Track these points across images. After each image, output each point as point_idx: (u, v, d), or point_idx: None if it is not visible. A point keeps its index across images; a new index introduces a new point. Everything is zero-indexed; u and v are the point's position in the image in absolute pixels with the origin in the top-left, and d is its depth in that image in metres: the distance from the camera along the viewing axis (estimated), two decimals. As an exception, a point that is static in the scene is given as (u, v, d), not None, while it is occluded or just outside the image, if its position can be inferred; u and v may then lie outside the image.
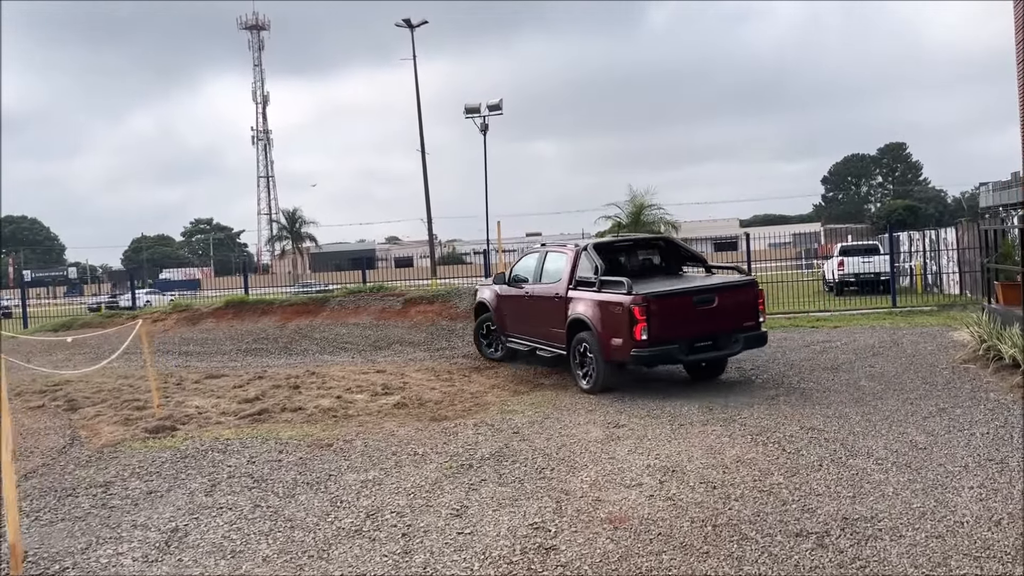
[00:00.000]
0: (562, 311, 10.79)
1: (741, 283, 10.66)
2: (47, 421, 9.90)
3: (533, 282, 11.87)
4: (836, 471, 6.17)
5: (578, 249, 11.07)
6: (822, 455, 6.63)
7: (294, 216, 76.46)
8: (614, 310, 9.82)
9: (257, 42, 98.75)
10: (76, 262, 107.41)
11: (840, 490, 5.71)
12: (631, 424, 8.14)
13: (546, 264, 11.75)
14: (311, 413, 9.57)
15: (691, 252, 12.34)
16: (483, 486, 6.22)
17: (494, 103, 30.07)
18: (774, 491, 5.76)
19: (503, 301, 12.65)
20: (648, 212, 15.16)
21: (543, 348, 11.57)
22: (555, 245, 12.11)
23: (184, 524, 5.63)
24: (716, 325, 10.01)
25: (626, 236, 12.21)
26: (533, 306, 11.75)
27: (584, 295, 10.49)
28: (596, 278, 10.33)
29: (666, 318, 9.61)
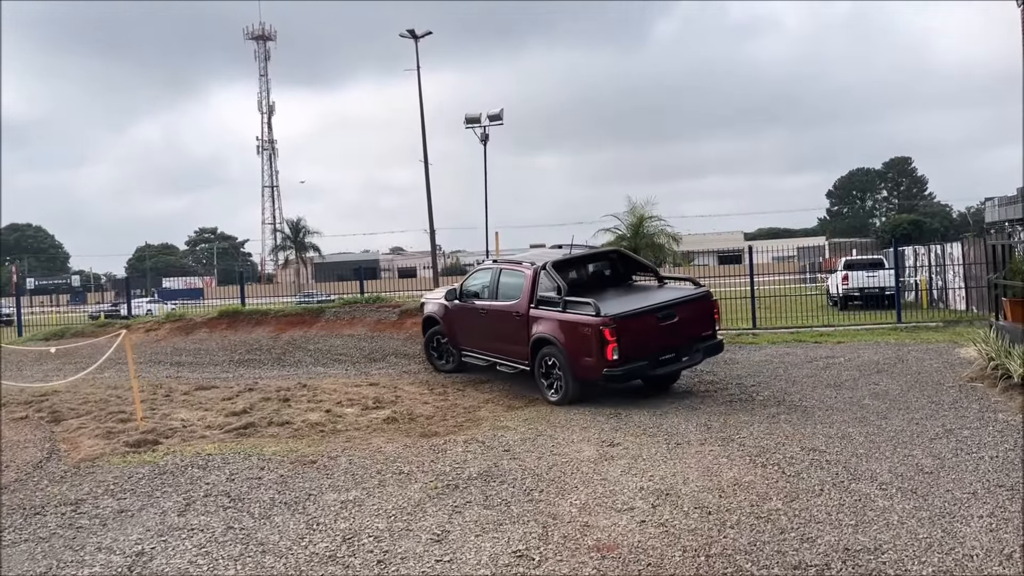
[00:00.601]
0: (524, 329, 10.97)
1: (698, 296, 11.04)
2: (28, 433, 9.65)
3: (489, 299, 11.95)
4: (838, 496, 5.88)
5: (536, 268, 11.13)
6: (823, 479, 6.34)
7: (298, 226, 76.51)
8: (583, 331, 10.02)
9: (263, 52, 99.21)
10: (80, 270, 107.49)
11: (842, 518, 5.42)
12: (626, 442, 7.86)
13: (502, 281, 11.83)
14: (298, 427, 9.30)
15: (642, 263, 12.71)
16: (467, 509, 5.95)
17: (494, 113, 29.91)
18: (772, 518, 5.48)
19: (455, 316, 12.71)
20: (648, 224, 14.88)
21: (504, 364, 11.68)
22: (509, 262, 12.22)
23: (151, 547, 5.36)
24: (678, 338, 10.37)
25: (580, 251, 12.34)
26: (491, 322, 11.85)
27: (548, 314, 10.65)
28: (560, 298, 10.51)
29: (634, 337, 9.89)
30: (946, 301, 22.65)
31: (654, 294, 11.50)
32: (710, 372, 12.20)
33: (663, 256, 15.54)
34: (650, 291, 11.81)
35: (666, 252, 15.30)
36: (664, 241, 15.21)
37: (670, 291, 11.62)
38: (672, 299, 10.83)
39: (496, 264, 12.54)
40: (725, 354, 14.23)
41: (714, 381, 11.39)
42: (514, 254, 14.62)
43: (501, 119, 30.09)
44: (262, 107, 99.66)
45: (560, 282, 10.73)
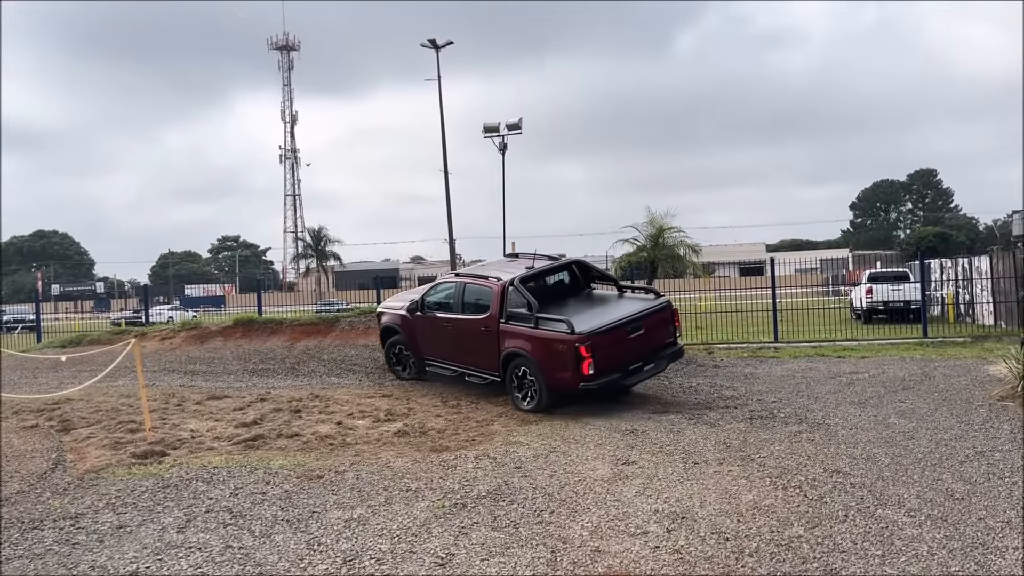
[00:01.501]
0: (494, 342, 11.33)
1: (661, 306, 11.56)
2: (37, 442, 9.55)
3: (455, 312, 12.25)
4: (863, 523, 5.60)
5: (504, 284, 11.40)
6: (848, 503, 6.06)
7: (319, 234, 76.74)
8: (559, 348, 10.40)
9: (287, 62, 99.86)
10: (104, 277, 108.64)
11: (867, 547, 5.14)
12: (641, 461, 7.60)
13: (468, 295, 12.14)
14: (307, 440, 9.13)
15: (601, 272, 13.26)
16: (474, 530, 5.73)
17: (513, 122, 29.80)
18: (793, 545, 5.21)
19: (417, 327, 12.98)
20: (668, 235, 14.62)
21: (474, 375, 12.06)
22: (474, 276, 12.45)
23: (145, 567, 5.19)
24: (646, 348, 10.99)
25: (543, 263, 12.60)
26: (458, 335, 12.14)
27: (520, 329, 11.01)
28: (532, 314, 10.88)
29: (608, 351, 10.35)
30: (973, 316, 22.14)
31: (620, 306, 11.83)
32: (730, 387, 11.92)
33: (683, 267, 15.27)
34: (613, 302, 12.17)
35: (685, 263, 15.02)
36: (683, 252, 14.91)
37: (634, 302, 11.98)
38: (639, 311, 11.26)
39: (460, 278, 12.76)
40: (745, 368, 13.97)
41: (734, 396, 11.11)
42: (476, 266, 14.70)
43: (520, 128, 29.97)
44: (285, 116, 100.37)
45: (531, 299, 11.06)
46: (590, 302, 12.28)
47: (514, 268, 12.41)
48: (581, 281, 12.88)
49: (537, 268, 12.26)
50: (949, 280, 24.32)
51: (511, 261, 13.68)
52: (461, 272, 13.44)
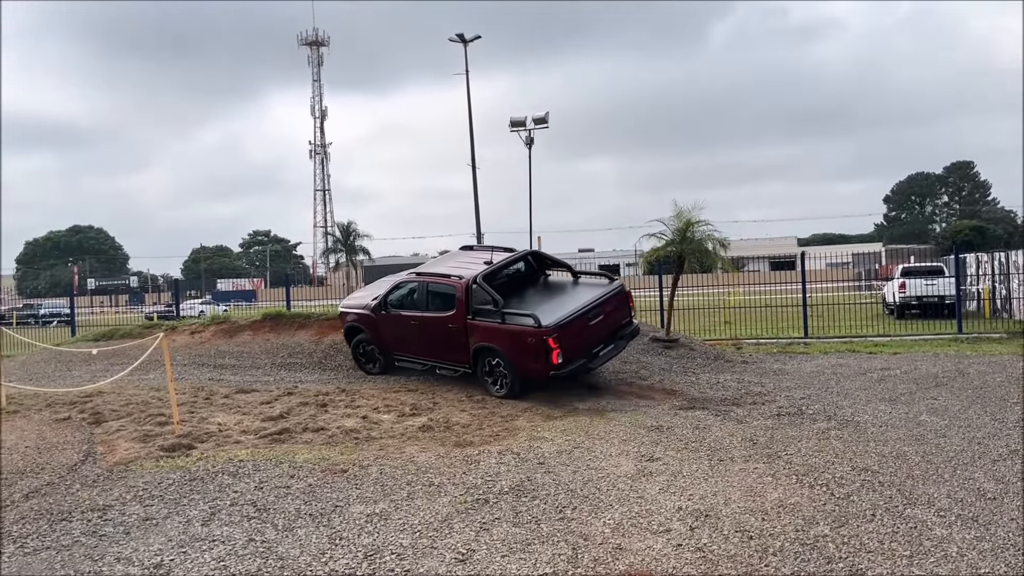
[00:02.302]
0: (462, 337, 11.88)
1: (616, 290, 12.20)
2: (68, 435, 9.68)
3: (421, 310, 12.67)
4: (891, 523, 5.50)
5: (467, 282, 11.83)
6: (875, 502, 5.96)
7: (348, 229, 77.20)
8: (527, 340, 10.97)
9: (316, 58, 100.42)
10: (138, 271, 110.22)
11: (895, 547, 5.05)
12: (666, 458, 7.53)
13: (432, 293, 12.60)
14: (332, 434, 9.17)
15: (557, 261, 13.88)
16: (496, 526, 5.71)
17: (540, 116, 29.64)
18: (819, 545, 5.13)
19: (383, 326, 13.29)
20: (695, 229, 14.46)
21: (445, 368, 12.57)
22: (437, 275, 12.83)
23: (170, 559, 5.23)
24: (606, 331, 11.74)
25: (501, 257, 12.89)
26: (425, 332, 12.59)
27: (488, 324, 11.53)
28: (499, 310, 11.37)
29: (573, 339, 11.00)
30: (1010, 311, 21.69)
31: (578, 293, 12.35)
32: (758, 383, 11.78)
33: (710, 262, 15.11)
34: (571, 290, 12.69)
35: (713, 258, 14.85)
36: (712, 246, 14.75)
37: (591, 288, 12.49)
38: (597, 298, 11.81)
39: (422, 277, 13.11)
40: (774, 364, 13.82)
41: (762, 393, 10.98)
42: (433, 262, 15.10)
43: (546, 122, 29.84)
44: (315, 112, 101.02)
45: (495, 295, 11.51)
46: (549, 291, 12.81)
47: (472, 262, 12.87)
48: (537, 269, 13.44)
49: (496, 263, 12.61)
50: (985, 275, 23.85)
51: (467, 253, 14.20)
52: (422, 271, 13.75)
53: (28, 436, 9.60)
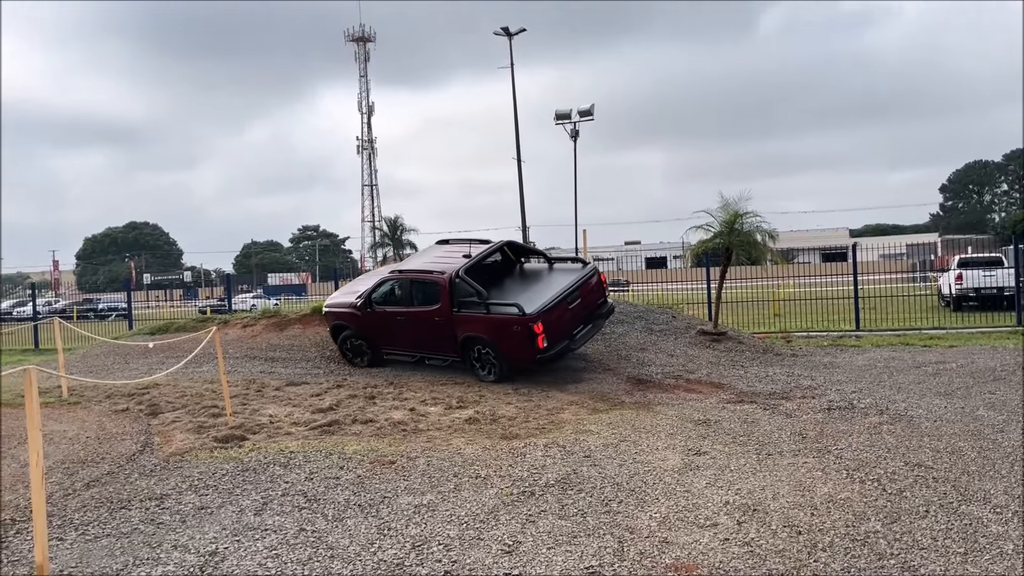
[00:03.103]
0: (449, 330, 12.46)
1: (590, 273, 12.90)
2: (127, 426, 9.97)
3: (406, 306, 13.26)
4: (945, 519, 5.39)
5: (449, 276, 12.37)
6: (929, 498, 5.84)
7: (395, 224, 77.80)
8: (513, 329, 11.60)
9: (363, 54, 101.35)
10: (192, 266, 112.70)
11: (949, 544, 4.95)
12: (713, 452, 7.48)
13: (415, 290, 13.19)
14: (381, 426, 9.29)
15: (531, 249, 14.77)
16: (542, 518, 5.73)
17: (585, 109, 29.52)
18: (869, 541, 5.05)
19: (369, 322, 13.71)
20: (743, 220, 14.27)
21: (434, 358, 13.19)
22: (418, 271, 13.40)
23: (224, 547, 5.37)
24: (584, 312, 12.50)
25: (479, 250, 13.42)
26: (412, 326, 13.10)
27: (474, 315, 12.15)
28: (483, 302, 12.02)
29: (556, 323, 11.69)
30: (1073, 303, 20.99)
31: (555, 279, 12.95)
32: (808, 377, 11.62)
33: (759, 254, 14.90)
34: (547, 276, 13.31)
35: (761, 250, 14.64)
36: (760, 238, 14.54)
37: (566, 274, 13.10)
38: (574, 282, 12.46)
39: (404, 274, 13.65)
40: (824, 357, 13.60)
41: (812, 386, 10.82)
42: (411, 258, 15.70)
43: (592, 115, 29.67)
44: (362, 107, 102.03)
45: (478, 288, 12.13)
46: (527, 279, 13.45)
47: (451, 255, 13.50)
48: (513, 259, 14.07)
49: (475, 256, 13.07)
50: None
51: (444, 247, 14.79)
52: (404, 268, 14.26)
53: (89, 427, 9.91)
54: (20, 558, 5.26)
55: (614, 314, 15.60)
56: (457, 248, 14.05)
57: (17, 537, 5.69)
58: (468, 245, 13.80)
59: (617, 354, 13.56)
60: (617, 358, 13.35)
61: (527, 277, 13.58)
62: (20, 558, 5.26)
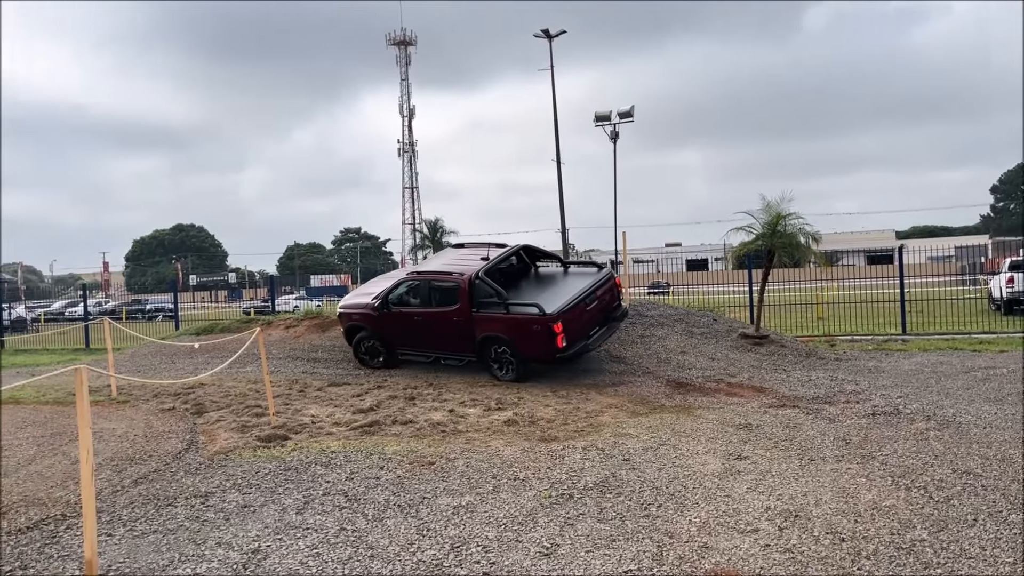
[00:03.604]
0: (468, 330, 12.69)
1: (606, 277, 13.28)
2: (173, 424, 10.18)
3: (424, 306, 13.42)
4: (994, 528, 5.26)
5: (469, 278, 12.64)
6: (978, 507, 5.71)
7: (435, 226, 78.26)
8: (533, 328, 11.89)
9: (404, 57, 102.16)
10: (236, 268, 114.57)
11: (998, 554, 4.83)
12: (755, 456, 7.40)
13: (434, 291, 13.37)
14: (420, 427, 9.35)
15: (546, 253, 15.00)
16: (580, 521, 5.72)
17: (625, 110, 29.36)
18: (915, 549, 4.95)
19: (386, 323, 13.88)
20: (786, 222, 14.08)
21: (451, 358, 13.38)
22: (436, 273, 13.64)
23: (267, 545, 5.45)
24: (600, 314, 12.82)
25: (496, 253, 13.72)
26: (430, 327, 13.30)
27: (493, 315, 12.42)
28: (503, 302, 12.33)
29: (574, 323, 12.00)
30: None
31: (572, 282, 13.29)
32: (852, 381, 11.43)
33: (801, 256, 14.69)
34: (562, 279, 13.68)
35: (804, 252, 14.43)
36: (804, 240, 14.33)
37: (583, 277, 13.50)
38: (592, 285, 12.79)
39: (422, 276, 13.90)
40: (869, 361, 13.37)
41: (856, 391, 10.64)
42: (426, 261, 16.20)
43: (632, 116, 29.51)
44: (403, 110, 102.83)
45: (499, 288, 12.44)
46: (543, 282, 13.82)
47: (468, 258, 13.77)
48: (528, 262, 14.46)
49: (493, 259, 13.34)
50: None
51: (459, 250, 15.12)
52: (422, 270, 14.53)
53: (137, 425, 10.13)
54: (70, 553, 5.40)
55: (653, 317, 15.52)
56: (473, 251, 14.27)
57: (67, 532, 5.85)
58: (486, 248, 14.02)
59: (657, 357, 13.48)
60: (657, 361, 13.27)
61: (543, 280, 13.89)
62: (70, 553, 5.40)
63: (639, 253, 77.50)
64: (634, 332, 14.81)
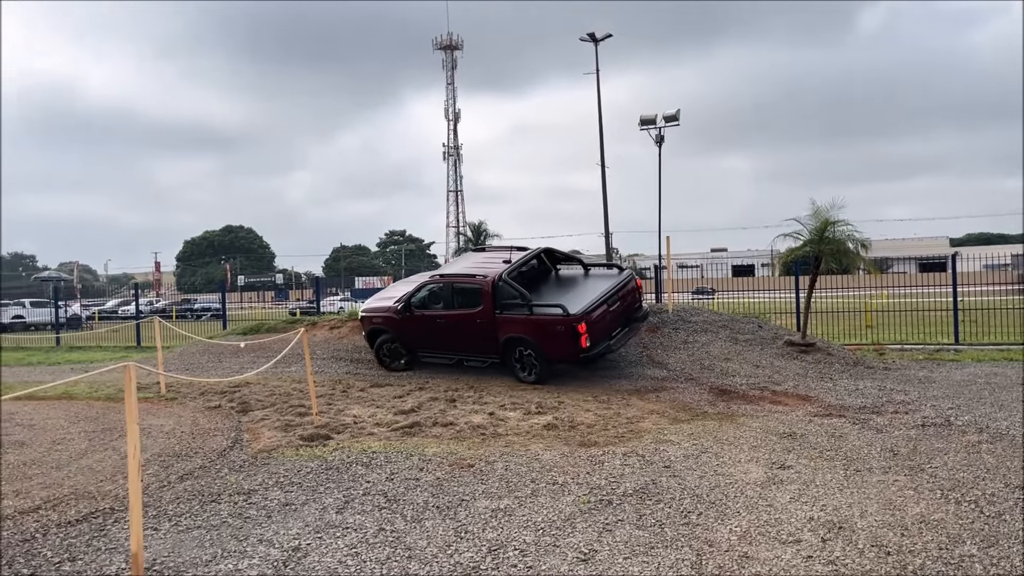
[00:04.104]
0: (491, 331, 12.91)
1: (628, 279, 13.60)
2: (219, 422, 10.36)
3: (448, 309, 13.63)
4: (1048, 546, 5.09)
5: (492, 279, 12.86)
6: (1031, 523, 5.53)
7: (479, 229, 78.58)
8: (558, 328, 12.10)
9: (450, 61, 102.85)
10: (283, 269, 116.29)
11: (1052, 572, 4.67)
12: (798, 466, 7.27)
13: (457, 293, 13.56)
14: (461, 429, 9.38)
15: (566, 255, 15.20)
16: (619, 527, 5.68)
17: (670, 114, 29.12)
18: (964, 565, 4.81)
19: (408, 325, 14.11)
20: (834, 229, 13.82)
21: (473, 360, 13.58)
22: (459, 276, 13.80)
23: (307, 543, 5.52)
24: (623, 314, 13.06)
25: (518, 256, 13.95)
26: (453, 328, 13.49)
27: (517, 317, 12.63)
28: (527, 303, 12.54)
29: (597, 324, 12.20)
30: None
31: (593, 284, 13.54)
32: (901, 391, 11.17)
33: (850, 263, 14.40)
34: (582, 281, 13.94)
35: (853, 258, 14.14)
36: (853, 247, 14.04)
37: (604, 279, 13.75)
38: (614, 286, 13.04)
39: (445, 279, 14.04)
40: (920, 371, 13.06)
41: (906, 401, 10.40)
42: (447, 265, 16.17)
43: (677, 120, 29.28)
44: (448, 114, 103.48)
45: (522, 290, 12.69)
46: (564, 284, 14.03)
47: (490, 261, 13.98)
48: (548, 265, 14.68)
49: (516, 261, 13.57)
50: None
51: (480, 254, 15.47)
52: (445, 273, 14.66)
53: (184, 422, 10.34)
54: (117, 546, 5.53)
55: (696, 323, 15.36)
56: (495, 255, 14.52)
57: (115, 526, 5.99)
58: (508, 252, 14.25)
59: (700, 363, 13.33)
60: (700, 367, 13.13)
61: (564, 283, 14.13)
62: (117, 546, 5.53)
63: (684, 258, 76.83)
64: (677, 338, 14.68)
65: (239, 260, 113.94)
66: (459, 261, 16.00)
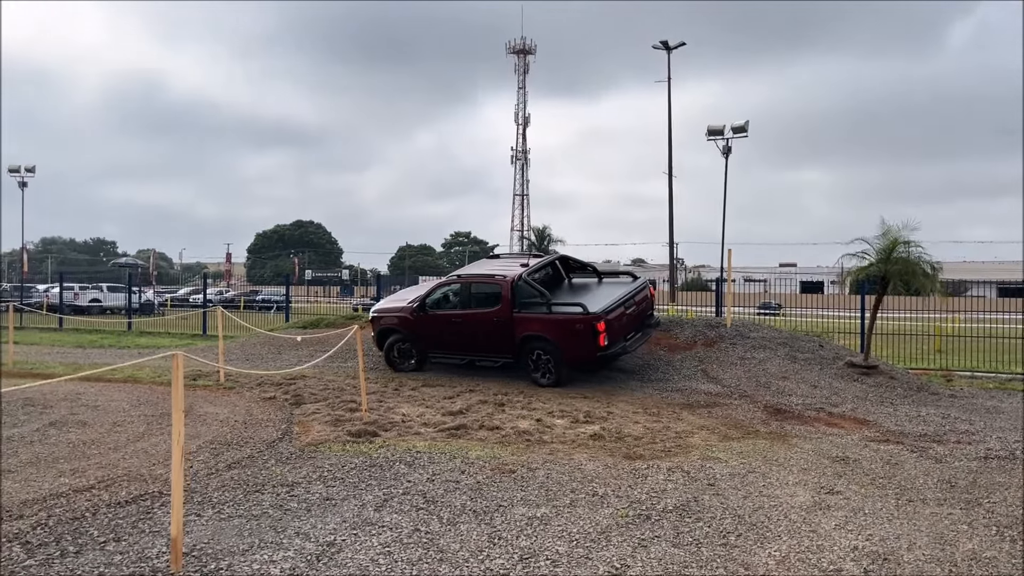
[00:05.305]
0: (508, 330, 13.12)
1: (643, 286, 14.19)
2: (272, 413, 10.59)
3: (464, 308, 13.84)
4: (1108, 593, 4.82)
5: (512, 279, 13.16)
6: (1091, 568, 5.25)
7: (543, 234, 78.56)
8: (576, 327, 12.44)
9: (523, 66, 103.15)
10: (350, 265, 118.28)
11: (1109, 622, 4.43)
12: (848, 491, 7.05)
13: (475, 292, 13.86)
14: (506, 434, 9.39)
15: (582, 263, 15.52)
16: (654, 544, 5.59)
17: (739, 125, 28.65)
18: (1013, 608, 4.60)
19: (421, 325, 14.33)
20: (903, 249, 13.37)
21: (486, 360, 13.79)
22: (478, 276, 14.16)
23: (342, 539, 5.58)
24: (637, 319, 13.57)
25: (536, 260, 14.56)
26: (468, 328, 13.69)
27: (535, 316, 12.93)
28: (545, 302, 12.89)
29: (615, 324, 12.55)
30: None
31: (607, 289, 13.91)
32: (966, 420, 10.74)
33: (919, 285, 13.91)
34: (597, 287, 14.33)
35: (923, 281, 13.64)
36: (923, 269, 13.56)
37: (618, 285, 14.20)
38: (630, 292, 13.53)
39: (462, 279, 14.35)
40: (988, 400, 12.57)
41: (969, 431, 10.00)
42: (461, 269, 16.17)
43: (746, 131, 28.78)
44: (518, 119, 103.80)
45: (542, 289, 13.07)
46: (579, 289, 14.37)
47: (507, 266, 14.36)
48: (563, 272, 15.09)
49: (533, 265, 14.06)
50: None
51: (496, 260, 15.95)
52: (463, 273, 14.89)
53: (238, 412, 10.59)
54: (160, 529, 5.69)
55: (755, 339, 15.07)
56: (510, 260, 15.12)
57: (161, 509, 6.17)
58: (528, 257, 14.76)
59: (756, 381, 13.06)
60: (756, 385, 12.86)
61: (579, 288, 14.51)
62: (160, 529, 5.69)
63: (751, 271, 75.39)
64: (734, 353, 14.42)
65: (307, 255, 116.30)
66: (475, 266, 16.21)
